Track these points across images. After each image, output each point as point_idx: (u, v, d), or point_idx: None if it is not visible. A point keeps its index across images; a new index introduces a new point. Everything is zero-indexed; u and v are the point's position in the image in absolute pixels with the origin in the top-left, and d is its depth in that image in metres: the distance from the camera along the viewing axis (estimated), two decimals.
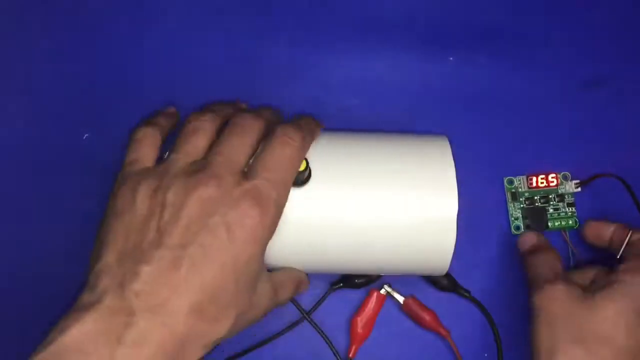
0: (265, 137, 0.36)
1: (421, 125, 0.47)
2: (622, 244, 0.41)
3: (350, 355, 0.44)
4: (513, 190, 0.46)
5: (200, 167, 0.34)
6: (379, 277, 0.44)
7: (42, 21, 0.46)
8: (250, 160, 0.35)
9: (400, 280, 0.45)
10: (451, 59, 0.47)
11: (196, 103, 0.46)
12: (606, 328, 0.37)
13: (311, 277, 0.43)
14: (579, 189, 0.46)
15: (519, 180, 0.46)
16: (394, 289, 0.44)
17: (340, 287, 0.44)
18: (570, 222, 0.46)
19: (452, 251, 0.38)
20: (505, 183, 0.46)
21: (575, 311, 0.38)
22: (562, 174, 0.46)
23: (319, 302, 0.44)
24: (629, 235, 0.41)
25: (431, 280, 0.45)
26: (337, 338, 0.44)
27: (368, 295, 0.44)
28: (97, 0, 0.47)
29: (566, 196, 0.46)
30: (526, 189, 0.46)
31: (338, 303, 0.45)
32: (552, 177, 0.46)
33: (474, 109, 0.47)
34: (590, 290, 0.39)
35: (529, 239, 0.44)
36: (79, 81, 0.46)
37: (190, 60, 0.47)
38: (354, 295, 0.45)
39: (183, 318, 0.31)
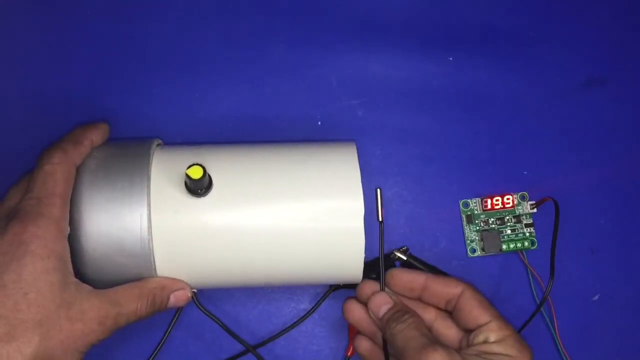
0: None
1: (421, 125, 0.47)
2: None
3: (349, 354, 0.44)
4: (468, 213, 0.46)
5: None
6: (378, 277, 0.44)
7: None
8: None
9: None
10: (451, 59, 0.48)
11: (196, 103, 0.46)
12: None
13: None
14: (535, 210, 0.46)
15: (475, 203, 0.46)
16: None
17: (341, 286, 0.44)
18: (526, 243, 0.45)
19: (362, 255, 0.38)
20: (461, 206, 0.46)
21: None
22: (519, 194, 0.46)
23: (319, 302, 0.44)
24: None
25: None
26: (336, 337, 0.45)
27: None
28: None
29: (523, 217, 0.46)
30: (481, 211, 0.46)
31: (338, 303, 0.45)
32: (508, 199, 0.45)
33: (474, 109, 0.47)
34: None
35: (383, 300, 0.39)
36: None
37: (190, 60, 0.47)
38: (353, 295, 0.45)
39: None
